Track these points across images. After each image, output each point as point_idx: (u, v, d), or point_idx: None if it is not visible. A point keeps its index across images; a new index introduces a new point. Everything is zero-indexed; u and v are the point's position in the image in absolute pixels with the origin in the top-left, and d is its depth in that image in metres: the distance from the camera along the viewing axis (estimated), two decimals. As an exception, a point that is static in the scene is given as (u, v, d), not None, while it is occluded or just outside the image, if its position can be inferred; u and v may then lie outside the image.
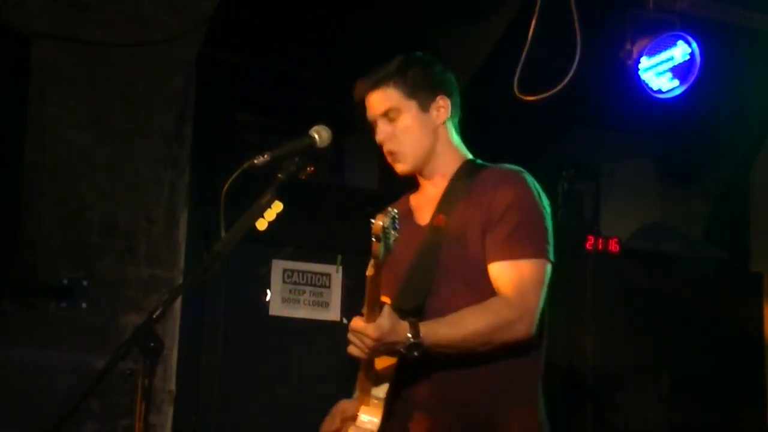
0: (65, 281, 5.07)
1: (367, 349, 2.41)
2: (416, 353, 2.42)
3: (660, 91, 4.91)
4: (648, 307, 5.92)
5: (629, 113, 5.53)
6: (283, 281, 5.86)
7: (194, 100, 5.60)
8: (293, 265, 5.90)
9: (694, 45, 4.89)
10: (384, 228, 2.27)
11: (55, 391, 4.90)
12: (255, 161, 2.56)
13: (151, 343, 2.28)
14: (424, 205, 2.80)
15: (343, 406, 2.79)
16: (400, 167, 2.78)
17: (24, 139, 5.04)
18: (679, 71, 4.91)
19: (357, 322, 2.41)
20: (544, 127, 6.11)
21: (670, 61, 4.91)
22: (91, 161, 5.16)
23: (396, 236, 2.31)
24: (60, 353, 5.00)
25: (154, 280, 5.30)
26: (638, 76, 4.82)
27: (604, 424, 5.72)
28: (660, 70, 4.91)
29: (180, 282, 5.37)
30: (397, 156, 2.76)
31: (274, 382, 5.65)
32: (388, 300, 2.50)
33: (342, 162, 6.31)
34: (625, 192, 6.92)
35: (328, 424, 2.79)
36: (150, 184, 5.31)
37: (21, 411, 4.87)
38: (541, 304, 2.58)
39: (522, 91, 4.42)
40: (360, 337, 2.40)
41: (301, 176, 2.63)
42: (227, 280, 5.57)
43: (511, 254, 2.57)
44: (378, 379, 2.58)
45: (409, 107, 2.75)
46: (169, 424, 5.37)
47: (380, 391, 2.59)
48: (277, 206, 2.59)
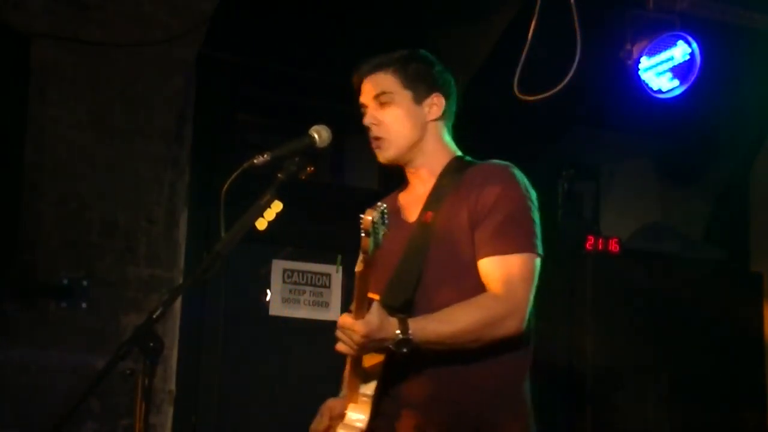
0: (65, 281, 5.07)
1: (355, 346, 2.40)
2: (405, 350, 2.41)
3: (660, 91, 4.91)
4: (648, 307, 5.92)
5: (629, 113, 5.53)
6: (283, 281, 5.86)
7: (194, 100, 5.60)
8: (293, 265, 5.90)
9: (694, 45, 4.89)
10: (373, 223, 2.24)
11: (55, 391, 4.90)
12: (255, 161, 2.56)
13: (151, 343, 2.27)
14: (413, 202, 2.79)
15: (331, 405, 2.78)
16: (382, 155, 2.76)
17: (24, 139, 5.04)
18: (679, 71, 4.91)
19: (345, 318, 2.40)
20: (544, 127, 6.11)
21: (670, 61, 4.91)
22: (91, 161, 5.16)
23: (385, 231, 2.29)
24: (60, 353, 5.00)
25: (154, 280, 5.30)
26: (638, 76, 4.82)
27: (604, 424, 5.72)
28: (660, 70, 4.91)
29: (180, 282, 5.37)
30: (381, 143, 2.74)
31: (274, 382, 5.65)
32: (376, 296, 2.48)
33: (342, 162, 6.31)
34: (625, 192, 6.92)
35: (318, 423, 2.78)
36: (150, 184, 5.31)
37: (21, 411, 4.87)
38: (531, 299, 2.57)
39: (522, 91, 4.42)
40: (348, 333, 2.39)
41: (301, 176, 2.63)
42: (227, 280, 5.57)
43: (500, 249, 2.56)
44: (366, 376, 2.57)
45: (403, 97, 2.74)
46: (169, 424, 5.37)
47: (368, 389, 2.57)
48: (277, 206, 2.59)
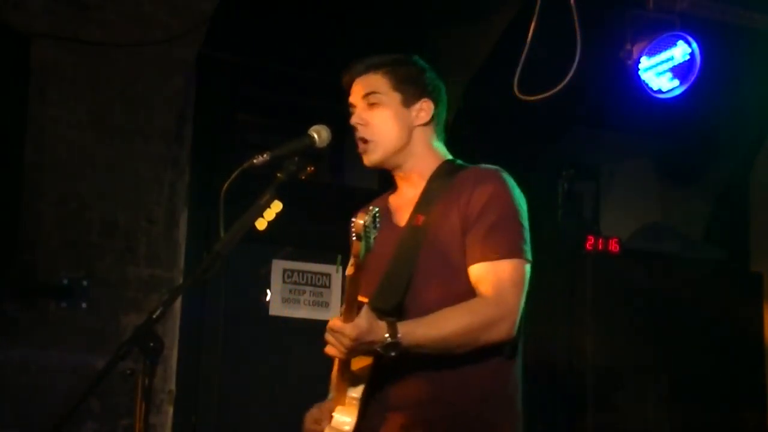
0: (65, 281, 5.07)
1: (344, 349, 2.39)
2: (393, 353, 2.40)
3: (660, 91, 4.91)
4: (648, 307, 5.92)
5: (629, 113, 5.53)
6: (283, 281, 5.86)
7: (194, 100, 5.60)
8: (293, 265, 5.90)
9: (694, 45, 4.89)
10: (365, 227, 2.23)
11: (55, 391, 4.90)
12: (255, 161, 2.54)
13: (152, 343, 2.27)
14: (403, 205, 2.78)
15: (316, 414, 2.73)
16: (368, 158, 2.76)
17: (24, 139, 5.04)
18: (679, 71, 4.90)
19: (335, 321, 2.40)
20: (544, 127, 6.11)
21: (670, 61, 4.90)
22: (91, 161, 5.16)
23: (376, 235, 2.27)
24: (60, 353, 5.00)
25: (154, 280, 5.30)
26: (638, 76, 4.82)
27: (604, 424, 5.72)
28: (660, 70, 4.91)
29: (180, 282, 5.37)
30: (367, 146, 2.74)
31: (274, 382, 5.65)
32: (365, 300, 2.47)
33: (342, 162, 6.30)
34: (625, 192, 6.92)
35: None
36: (150, 184, 5.31)
37: (21, 411, 4.87)
38: (522, 305, 2.56)
39: (522, 91, 4.42)
40: (338, 336, 2.38)
41: (301, 176, 2.62)
42: (227, 280, 5.57)
43: (489, 255, 2.55)
44: (354, 379, 2.56)
45: (392, 99, 2.73)
46: (169, 424, 5.37)
47: (356, 392, 2.56)
48: (277, 206, 2.58)
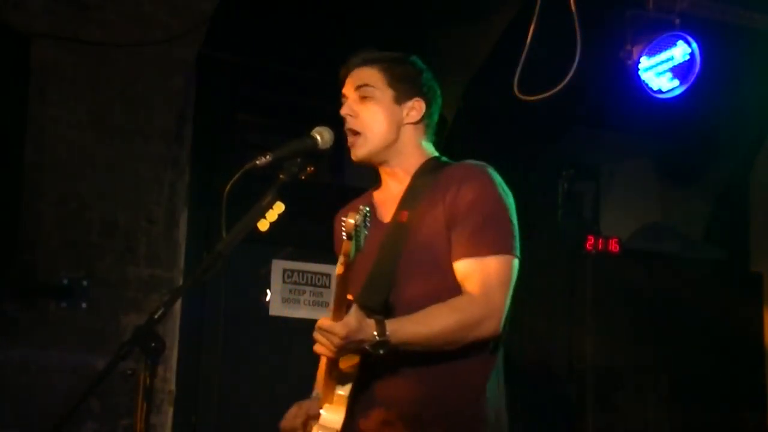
0: (65, 281, 5.07)
1: (334, 348, 2.39)
2: (382, 351, 2.41)
3: (660, 91, 4.91)
4: (648, 307, 5.93)
5: (629, 113, 5.53)
6: (283, 281, 5.86)
7: (194, 100, 5.61)
8: (293, 265, 5.90)
9: (694, 45, 4.88)
10: (356, 226, 2.23)
11: (55, 391, 4.90)
12: (257, 162, 2.52)
13: (153, 343, 2.27)
14: (388, 201, 2.76)
15: (295, 411, 2.75)
16: (355, 153, 2.74)
17: (24, 139, 5.04)
18: (679, 71, 4.90)
19: (324, 320, 2.40)
20: (544, 127, 6.11)
21: (670, 61, 4.90)
22: (91, 161, 5.16)
23: (366, 234, 2.27)
24: (60, 353, 5.00)
25: (154, 280, 5.30)
26: (638, 76, 4.82)
27: (604, 424, 5.73)
28: (660, 70, 4.91)
29: (180, 282, 5.37)
30: (355, 139, 2.73)
31: (274, 382, 5.65)
32: (351, 297, 2.47)
33: (342, 162, 6.30)
34: (625, 192, 6.92)
35: (292, 418, 2.74)
36: (150, 184, 5.31)
37: (21, 411, 4.87)
38: (508, 302, 2.56)
39: (522, 91, 4.41)
40: (327, 335, 2.38)
41: (302, 176, 2.62)
42: (227, 280, 5.57)
43: (477, 251, 2.54)
44: (342, 377, 2.56)
45: (384, 94, 2.72)
46: (169, 424, 5.37)
47: (344, 389, 2.56)
48: (279, 207, 2.58)
